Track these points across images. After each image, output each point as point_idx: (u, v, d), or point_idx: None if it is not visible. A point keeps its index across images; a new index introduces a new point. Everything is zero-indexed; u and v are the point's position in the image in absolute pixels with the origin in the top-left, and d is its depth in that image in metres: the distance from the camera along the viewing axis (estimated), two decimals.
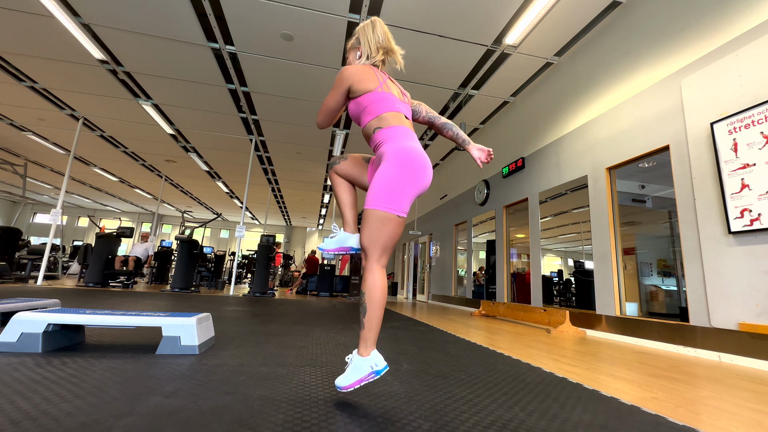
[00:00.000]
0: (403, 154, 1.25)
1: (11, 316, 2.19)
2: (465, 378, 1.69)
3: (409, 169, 1.24)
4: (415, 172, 1.25)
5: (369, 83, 1.35)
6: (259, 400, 1.22)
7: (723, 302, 2.68)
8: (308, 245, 21.20)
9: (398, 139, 1.30)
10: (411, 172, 1.24)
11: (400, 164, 1.24)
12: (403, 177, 1.23)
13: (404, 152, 1.26)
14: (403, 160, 1.25)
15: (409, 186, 1.24)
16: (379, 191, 1.22)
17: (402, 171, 1.23)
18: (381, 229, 1.21)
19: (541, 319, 4.33)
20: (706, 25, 3.06)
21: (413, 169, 1.25)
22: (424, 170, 1.26)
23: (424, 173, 1.27)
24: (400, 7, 4.04)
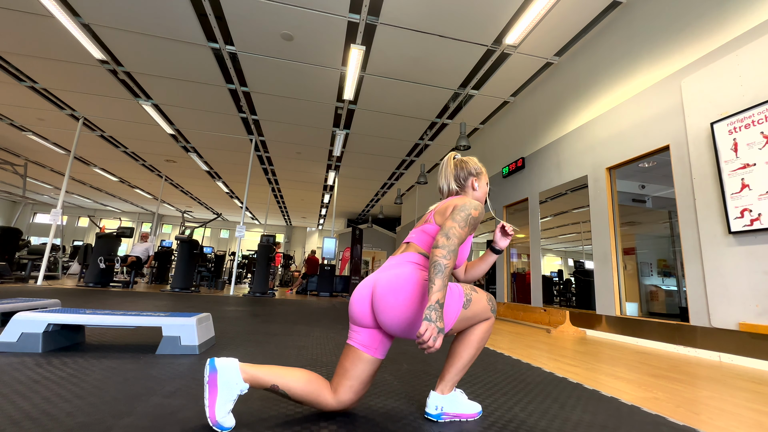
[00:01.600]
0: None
1: (11, 316, 2.19)
2: (465, 378, 1.69)
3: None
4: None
5: None
6: (259, 400, 1.22)
7: (723, 302, 2.68)
8: (308, 245, 21.20)
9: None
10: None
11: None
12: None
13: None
14: None
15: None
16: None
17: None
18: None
19: (541, 319, 4.33)
20: (706, 25, 3.06)
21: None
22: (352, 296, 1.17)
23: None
24: (400, 7, 4.04)
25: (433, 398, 1.16)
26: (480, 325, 1.18)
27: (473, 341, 1.16)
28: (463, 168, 1.35)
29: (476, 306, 1.14)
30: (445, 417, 1.14)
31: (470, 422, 1.15)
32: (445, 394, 1.16)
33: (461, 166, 1.35)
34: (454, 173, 1.35)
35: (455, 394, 1.18)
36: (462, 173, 1.34)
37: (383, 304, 1.05)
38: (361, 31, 4.45)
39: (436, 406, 1.14)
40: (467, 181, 1.34)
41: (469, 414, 1.17)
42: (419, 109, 6.33)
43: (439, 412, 1.14)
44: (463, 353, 1.16)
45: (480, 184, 1.35)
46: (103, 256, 7.01)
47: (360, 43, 4.68)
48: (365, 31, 4.44)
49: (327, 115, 6.81)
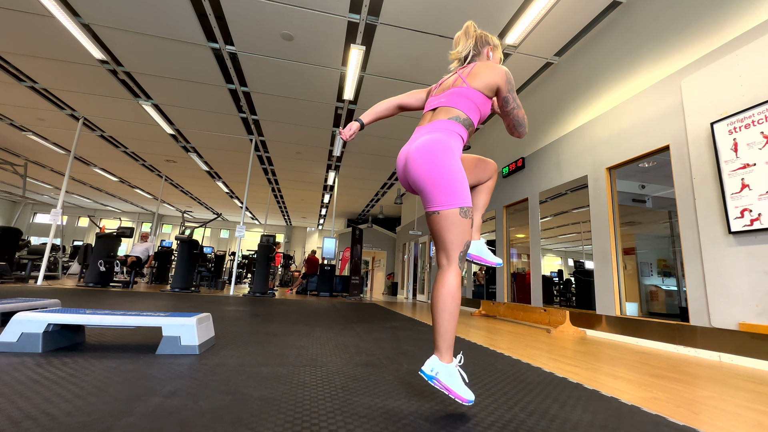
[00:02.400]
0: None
1: (11, 316, 2.19)
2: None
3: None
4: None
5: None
6: (259, 400, 1.22)
7: (723, 302, 2.68)
8: (308, 245, 21.20)
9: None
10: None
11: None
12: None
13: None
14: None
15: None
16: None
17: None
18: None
19: (541, 319, 4.33)
20: (706, 25, 3.06)
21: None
22: (397, 164, 1.34)
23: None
24: (400, 7, 4.04)
25: (432, 360, 1.16)
26: (440, 281, 1.18)
27: (439, 300, 1.16)
28: (483, 36, 1.45)
29: (461, 228, 1.17)
30: (436, 383, 1.14)
31: (470, 422, 1.14)
32: (443, 361, 1.15)
33: (482, 33, 1.45)
34: (475, 36, 1.44)
35: (455, 369, 1.17)
36: (481, 40, 1.44)
37: (414, 160, 1.21)
38: (361, 31, 4.45)
39: (433, 368, 1.15)
40: (484, 49, 1.44)
41: (459, 394, 1.14)
42: None
43: (433, 374, 1.14)
44: (435, 315, 1.18)
45: (494, 55, 1.46)
46: (102, 259, 7.01)
47: (360, 43, 4.68)
48: (365, 31, 4.44)
49: (327, 115, 6.81)
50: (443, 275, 1.20)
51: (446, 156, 1.19)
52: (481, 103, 1.31)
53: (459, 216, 1.17)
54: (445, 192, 1.16)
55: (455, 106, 1.27)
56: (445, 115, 1.27)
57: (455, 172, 1.18)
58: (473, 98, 1.28)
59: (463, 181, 1.19)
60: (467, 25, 1.46)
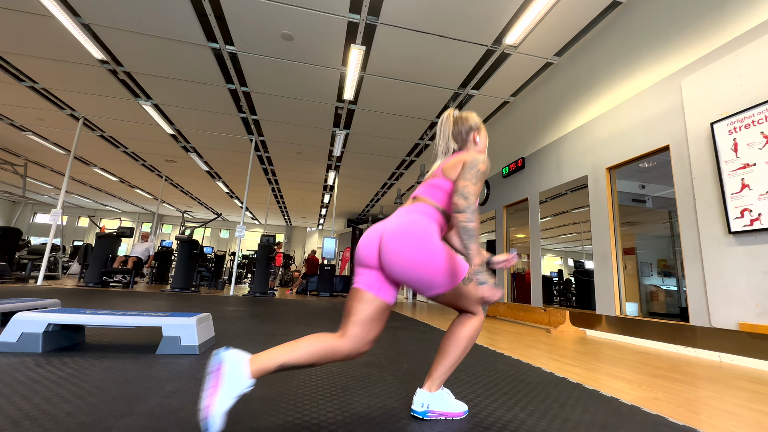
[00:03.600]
0: None
1: (11, 316, 2.19)
2: (465, 378, 1.69)
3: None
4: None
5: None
6: (259, 400, 1.22)
7: (723, 302, 2.68)
8: (308, 245, 21.20)
9: None
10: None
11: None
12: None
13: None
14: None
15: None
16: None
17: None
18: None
19: (542, 319, 4.33)
20: (706, 25, 3.06)
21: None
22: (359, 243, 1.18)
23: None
24: (400, 7, 4.04)
25: (420, 395, 1.16)
26: (470, 322, 1.18)
27: (463, 338, 1.16)
28: (464, 123, 1.35)
29: (474, 289, 1.14)
30: (431, 415, 1.14)
31: (470, 422, 1.15)
32: (432, 391, 1.16)
33: (461, 121, 1.35)
34: (454, 130, 1.35)
35: (442, 392, 1.18)
36: (463, 128, 1.34)
37: (390, 248, 1.06)
38: (361, 31, 4.45)
39: (423, 403, 1.15)
40: (469, 136, 1.34)
41: (455, 413, 1.17)
42: (419, 109, 6.33)
43: (425, 409, 1.14)
44: (451, 351, 1.16)
45: (481, 137, 1.36)
46: (104, 270, 7.08)
47: (360, 43, 4.68)
48: (365, 31, 4.44)
49: (327, 115, 6.81)
50: (476, 320, 1.19)
51: (426, 240, 1.07)
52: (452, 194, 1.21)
53: (463, 286, 1.11)
54: (439, 280, 1.07)
55: (430, 198, 1.20)
56: (422, 202, 1.20)
57: (439, 256, 1.06)
58: (445, 188, 1.20)
59: (452, 261, 1.09)
60: (445, 116, 1.36)
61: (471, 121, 1.34)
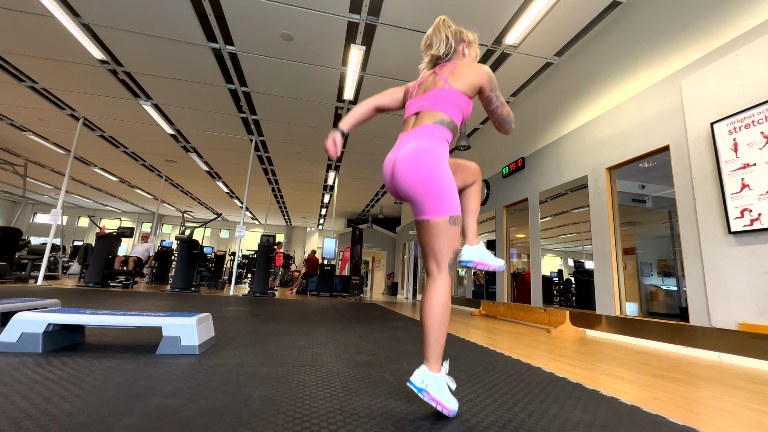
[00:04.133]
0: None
1: (11, 316, 2.19)
2: (465, 378, 1.69)
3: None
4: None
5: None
6: (259, 400, 1.22)
7: (723, 302, 2.68)
8: (308, 245, 21.20)
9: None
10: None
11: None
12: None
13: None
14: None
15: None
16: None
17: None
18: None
19: (541, 319, 4.33)
20: (706, 25, 3.06)
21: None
22: (383, 173, 1.28)
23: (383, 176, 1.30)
24: (400, 7, 4.04)
25: (422, 371, 1.14)
26: (430, 289, 1.18)
27: (430, 309, 1.16)
28: (458, 33, 1.37)
29: (451, 236, 1.16)
30: (425, 396, 1.12)
31: (470, 422, 1.14)
32: (432, 371, 1.14)
33: (456, 29, 1.38)
34: (449, 32, 1.36)
35: (444, 379, 1.16)
36: (456, 36, 1.36)
37: (403, 168, 1.16)
38: (361, 31, 4.45)
39: (423, 380, 1.13)
40: (459, 46, 1.37)
41: (446, 407, 1.14)
42: None
43: (423, 386, 1.12)
44: (426, 325, 1.17)
45: (470, 52, 1.40)
46: (107, 271, 7.11)
47: (360, 43, 4.68)
48: (365, 31, 4.44)
49: (327, 115, 6.81)
50: (434, 283, 1.19)
51: (435, 164, 1.16)
52: (464, 105, 1.28)
53: (448, 224, 1.15)
54: (434, 201, 1.15)
55: (439, 109, 1.22)
56: (429, 119, 1.22)
57: (445, 179, 1.16)
58: (456, 100, 1.24)
59: (453, 189, 1.17)
60: (438, 21, 1.38)
61: (465, 34, 1.39)
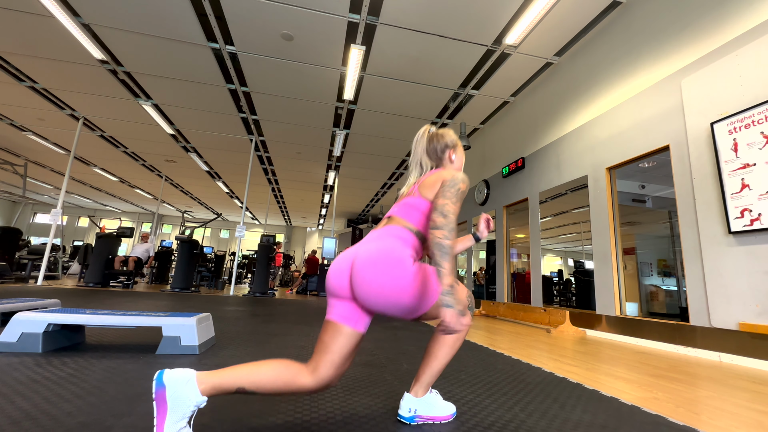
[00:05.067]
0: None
1: (11, 316, 2.19)
2: (465, 378, 1.69)
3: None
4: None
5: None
6: (259, 401, 1.22)
7: (723, 302, 2.68)
8: (308, 245, 21.20)
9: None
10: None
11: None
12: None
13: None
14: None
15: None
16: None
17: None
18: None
19: (541, 319, 4.33)
20: (706, 25, 3.06)
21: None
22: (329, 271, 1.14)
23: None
24: (400, 7, 4.04)
25: (407, 401, 1.13)
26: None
27: (448, 341, 1.14)
28: (440, 141, 1.30)
29: (456, 296, 1.13)
30: (419, 420, 1.12)
31: (470, 422, 1.15)
32: (419, 396, 1.13)
33: (437, 139, 1.30)
34: (429, 147, 1.30)
35: (430, 396, 1.16)
36: (439, 146, 1.29)
37: (362, 278, 1.00)
38: (361, 31, 4.45)
39: (410, 408, 1.12)
40: (444, 154, 1.30)
41: (443, 416, 1.15)
42: (419, 109, 6.33)
43: (413, 414, 1.12)
44: (438, 353, 1.14)
45: (457, 155, 1.32)
46: (107, 271, 7.11)
47: (360, 43, 4.68)
48: (365, 31, 4.44)
49: (327, 115, 6.81)
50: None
51: (399, 267, 1.00)
52: (430, 214, 1.15)
53: (441, 306, 1.00)
54: (417, 304, 1.01)
55: (405, 218, 1.14)
56: (397, 224, 1.15)
57: (414, 282, 1.01)
58: (422, 209, 1.14)
59: (428, 282, 1.03)
60: (420, 133, 1.32)
61: (447, 139, 1.30)
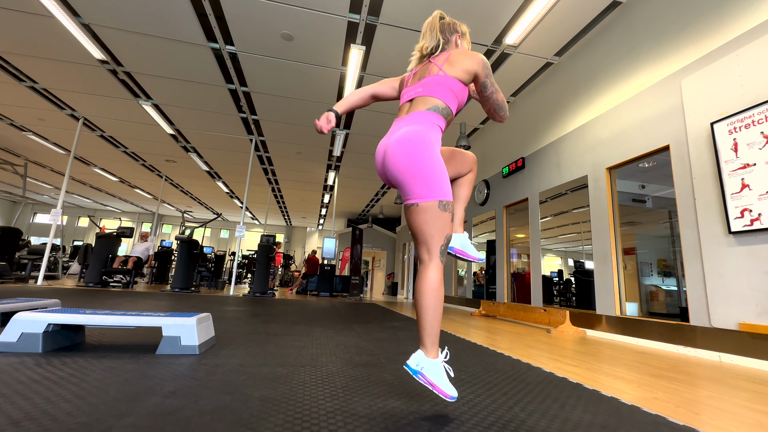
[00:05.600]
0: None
1: (11, 316, 2.19)
2: (465, 378, 1.69)
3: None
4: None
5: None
6: (259, 400, 1.22)
7: (723, 302, 2.68)
8: (308, 245, 21.20)
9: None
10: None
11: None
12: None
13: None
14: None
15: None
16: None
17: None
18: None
19: (541, 319, 4.33)
20: (706, 25, 3.06)
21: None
22: (375, 158, 1.30)
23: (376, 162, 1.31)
24: (400, 7, 4.04)
25: (418, 355, 1.14)
26: (421, 276, 1.16)
27: (421, 295, 1.14)
28: (451, 22, 1.41)
29: (441, 221, 1.15)
30: (421, 378, 1.12)
31: (470, 422, 1.14)
32: (429, 356, 1.13)
33: (449, 21, 1.41)
34: (440, 24, 1.39)
35: (440, 364, 1.15)
36: (449, 28, 1.39)
37: (394, 153, 1.17)
38: (361, 31, 4.45)
39: (418, 362, 1.13)
40: (452, 36, 1.40)
41: (443, 390, 1.13)
42: None
43: (418, 369, 1.12)
44: (419, 311, 1.15)
45: (463, 43, 1.42)
46: (104, 269, 7.08)
47: (360, 43, 4.68)
48: (365, 31, 4.44)
49: None
50: (425, 270, 1.17)
51: (425, 148, 1.16)
52: (459, 91, 1.28)
53: (438, 209, 1.14)
54: (424, 184, 1.14)
55: (433, 95, 1.23)
56: (422, 105, 1.23)
57: (435, 164, 1.16)
58: (451, 86, 1.25)
59: (443, 174, 1.17)
60: (434, 15, 1.42)
61: (458, 26, 1.42)
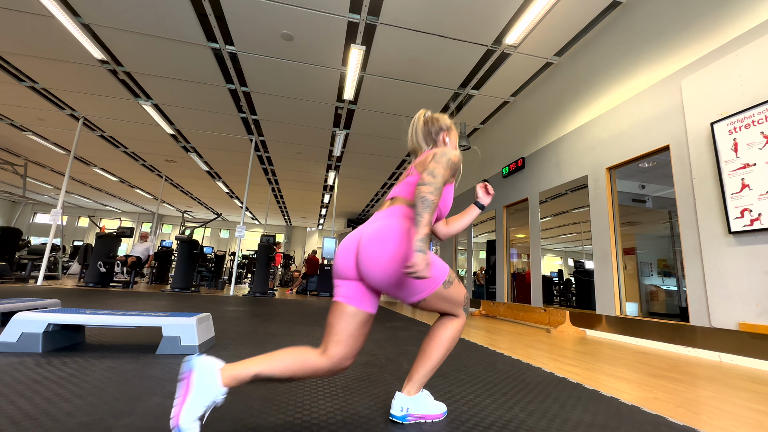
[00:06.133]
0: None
1: (11, 316, 2.19)
2: (465, 378, 1.69)
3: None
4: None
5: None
6: (259, 400, 1.22)
7: (723, 302, 2.68)
8: (308, 245, 21.19)
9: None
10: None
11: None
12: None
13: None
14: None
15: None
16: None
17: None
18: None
19: (541, 319, 4.33)
20: (706, 25, 3.06)
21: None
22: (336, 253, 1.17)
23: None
24: (400, 7, 4.04)
25: (399, 399, 1.13)
26: (451, 324, 1.16)
27: (444, 341, 1.14)
28: (434, 124, 1.34)
29: (455, 292, 1.12)
30: (411, 419, 1.12)
31: (470, 422, 1.15)
32: (411, 395, 1.13)
33: (432, 122, 1.34)
34: (424, 130, 1.34)
35: (422, 395, 1.16)
36: (433, 128, 1.34)
37: (367, 255, 1.02)
38: (361, 31, 4.45)
39: (402, 407, 1.12)
40: (438, 136, 1.34)
41: (434, 415, 1.15)
42: (419, 108, 6.31)
43: (405, 413, 1.12)
44: (433, 353, 1.14)
45: (451, 138, 1.36)
46: (102, 260, 7.01)
47: (360, 43, 4.68)
48: (365, 31, 4.44)
49: (327, 115, 6.81)
50: (460, 322, 1.18)
51: (402, 243, 1.04)
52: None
53: (443, 290, 1.09)
54: (420, 284, 1.04)
55: (407, 196, 1.17)
56: (399, 203, 1.17)
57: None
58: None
59: (432, 264, 1.07)
60: (416, 117, 1.36)
61: (442, 122, 1.34)
